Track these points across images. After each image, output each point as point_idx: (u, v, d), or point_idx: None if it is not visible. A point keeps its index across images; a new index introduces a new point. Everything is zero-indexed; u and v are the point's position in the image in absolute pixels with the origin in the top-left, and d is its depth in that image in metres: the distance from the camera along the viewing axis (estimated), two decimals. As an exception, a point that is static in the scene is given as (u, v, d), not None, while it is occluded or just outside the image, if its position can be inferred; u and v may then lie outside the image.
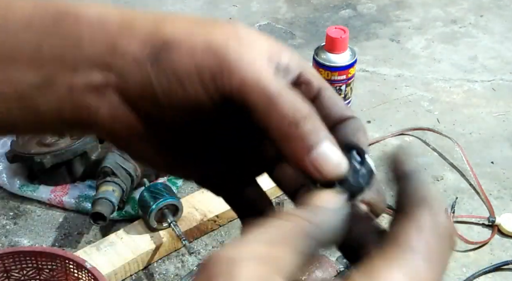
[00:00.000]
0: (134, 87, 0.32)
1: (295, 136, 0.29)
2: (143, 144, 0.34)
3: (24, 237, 1.06)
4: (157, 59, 0.31)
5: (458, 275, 0.99)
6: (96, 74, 0.32)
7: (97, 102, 0.32)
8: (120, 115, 0.33)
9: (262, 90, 0.30)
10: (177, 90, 0.31)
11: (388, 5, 1.71)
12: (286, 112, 0.30)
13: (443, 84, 1.43)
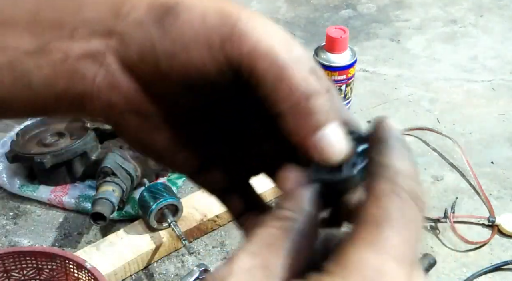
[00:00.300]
0: (135, 51, 0.30)
1: (303, 111, 0.28)
2: (140, 120, 0.32)
3: (24, 237, 1.06)
4: (163, 22, 0.29)
5: (458, 275, 0.99)
6: (95, 41, 0.30)
7: (94, 70, 0.31)
8: (118, 83, 0.31)
9: (274, 57, 0.28)
10: (182, 55, 0.29)
11: (388, 5, 1.71)
12: (299, 82, 0.27)
13: (443, 84, 1.43)
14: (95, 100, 0.31)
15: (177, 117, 0.32)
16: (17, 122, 1.28)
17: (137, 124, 0.32)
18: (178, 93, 0.31)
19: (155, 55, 0.29)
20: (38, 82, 0.31)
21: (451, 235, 1.05)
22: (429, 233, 1.06)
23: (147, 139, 0.33)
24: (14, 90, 0.31)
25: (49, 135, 1.13)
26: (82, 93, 0.31)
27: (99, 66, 0.30)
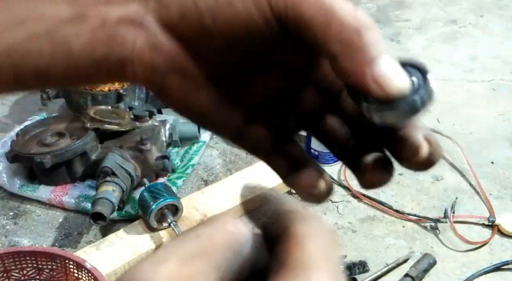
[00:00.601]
0: (176, 11, 0.29)
1: (357, 45, 0.27)
2: (184, 80, 0.31)
3: (24, 237, 1.06)
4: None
5: (458, 275, 1.00)
6: (133, 4, 0.30)
7: (134, 34, 0.30)
8: (160, 44, 0.30)
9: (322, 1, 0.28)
10: (226, 8, 0.28)
11: (388, 5, 1.71)
12: (348, 19, 0.27)
13: (443, 84, 1.43)
14: (136, 64, 0.30)
15: (221, 75, 0.31)
16: (17, 122, 1.28)
17: (180, 85, 0.31)
18: (222, 50, 0.30)
19: (198, 12, 0.29)
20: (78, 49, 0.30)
21: (451, 235, 1.05)
22: (429, 233, 1.07)
23: (191, 100, 0.32)
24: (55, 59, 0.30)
25: (49, 135, 1.13)
26: (123, 58, 0.30)
27: (139, 29, 0.30)
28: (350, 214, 1.10)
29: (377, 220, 1.09)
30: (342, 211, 1.11)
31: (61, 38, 0.30)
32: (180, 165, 1.17)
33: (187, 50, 0.30)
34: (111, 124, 1.13)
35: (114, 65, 0.30)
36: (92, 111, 1.14)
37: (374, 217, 1.10)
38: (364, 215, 1.10)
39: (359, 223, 1.09)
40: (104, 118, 1.13)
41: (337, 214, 1.10)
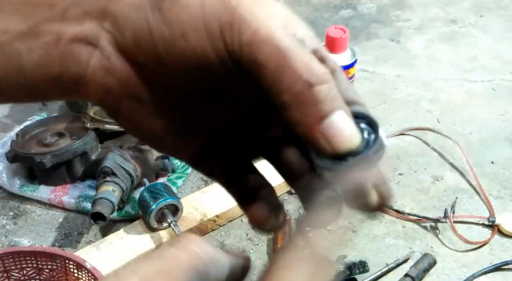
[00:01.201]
0: (131, 36, 0.29)
1: (308, 100, 0.26)
2: (136, 105, 0.30)
3: (24, 237, 1.06)
4: (160, 5, 0.28)
5: (458, 275, 0.99)
6: (88, 22, 0.29)
7: (88, 53, 0.29)
8: (114, 67, 0.29)
9: (276, 45, 0.26)
10: (180, 41, 0.28)
11: (388, 5, 1.71)
12: (301, 71, 0.26)
13: (443, 84, 1.43)
14: (90, 83, 0.30)
15: (175, 103, 0.31)
16: (17, 122, 1.28)
17: (133, 109, 0.31)
18: (176, 79, 0.29)
19: (152, 41, 0.28)
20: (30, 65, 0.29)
21: (451, 235, 1.05)
22: (429, 233, 1.06)
23: (144, 125, 0.31)
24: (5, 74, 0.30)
25: (49, 135, 1.13)
26: (76, 76, 0.30)
27: (93, 48, 0.29)
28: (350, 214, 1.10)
29: (377, 220, 1.09)
30: (342, 211, 1.11)
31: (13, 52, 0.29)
32: (180, 165, 1.17)
33: (141, 75, 0.29)
34: (111, 124, 1.13)
35: (68, 83, 0.30)
36: (92, 111, 1.14)
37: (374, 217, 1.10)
38: (364, 215, 1.10)
39: (359, 223, 1.09)
40: (104, 118, 1.12)
41: (337, 214, 1.10)
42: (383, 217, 1.10)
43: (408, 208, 1.11)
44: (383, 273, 0.99)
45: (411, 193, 1.15)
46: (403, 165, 1.20)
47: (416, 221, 1.08)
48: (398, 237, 1.06)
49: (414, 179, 1.18)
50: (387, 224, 1.08)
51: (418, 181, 1.17)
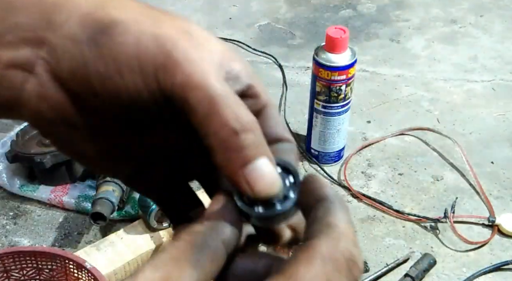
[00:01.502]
0: (66, 67, 0.29)
1: (233, 146, 0.28)
2: (70, 130, 0.31)
3: (24, 237, 1.06)
4: (96, 41, 0.29)
5: (458, 275, 1.00)
6: (24, 49, 0.29)
7: (23, 78, 0.30)
8: (48, 94, 0.30)
9: (206, 91, 0.28)
10: (115, 78, 0.29)
11: (388, 5, 1.71)
12: (228, 118, 0.28)
13: (443, 84, 1.43)
14: (23, 107, 0.30)
15: (108, 130, 0.32)
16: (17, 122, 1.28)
17: (67, 134, 0.31)
18: (109, 110, 0.30)
19: (87, 74, 0.29)
20: None
21: (451, 235, 1.05)
22: (429, 233, 1.07)
23: (77, 148, 0.32)
24: None
25: (49, 135, 1.13)
26: (11, 100, 0.30)
27: (28, 74, 0.30)
28: (350, 214, 1.10)
29: (377, 220, 1.09)
30: (342, 211, 1.11)
31: None
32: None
33: (75, 103, 0.30)
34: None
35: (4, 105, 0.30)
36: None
37: (374, 217, 1.10)
38: (364, 215, 1.10)
39: (359, 223, 1.09)
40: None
41: (337, 214, 1.10)
42: (383, 217, 1.10)
43: (408, 208, 1.11)
44: (383, 273, 0.99)
45: (411, 193, 1.15)
46: (403, 165, 1.20)
47: (416, 221, 1.08)
48: (398, 237, 1.06)
49: (414, 179, 1.18)
50: (387, 224, 1.08)
51: (418, 181, 1.17)
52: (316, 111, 1.15)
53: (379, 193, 1.14)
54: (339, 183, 1.16)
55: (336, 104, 1.13)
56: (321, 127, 1.16)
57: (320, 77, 1.11)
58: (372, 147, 1.25)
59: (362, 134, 1.28)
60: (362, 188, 1.15)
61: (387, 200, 1.12)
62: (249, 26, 1.62)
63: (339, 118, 1.15)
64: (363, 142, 1.25)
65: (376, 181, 1.17)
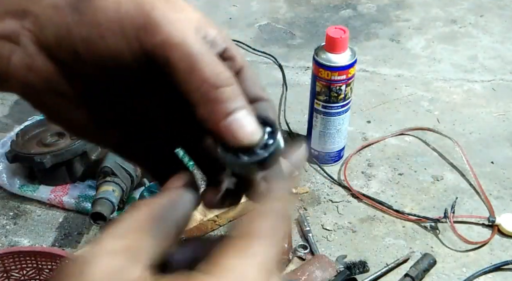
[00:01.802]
0: (51, 35, 0.30)
1: (214, 99, 0.29)
2: (59, 99, 0.32)
3: (24, 237, 1.06)
4: (78, 7, 0.30)
5: (458, 275, 1.00)
6: (9, 21, 0.31)
7: (10, 50, 0.31)
8: (35, 64, 0.31)
9: (186, 49, 0.29)
10: (98, 42, 0.30)
11: (388, 5, 1.71)
12: (208, 74, 0.29)
13: (443, 84, 1.43)
14: (11, 78, 0.31)
15: (95, 97, 0.33)
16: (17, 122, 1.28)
17: (55, 103, 0.32)
18: (95, 75, 0.31)
19: (71, 40, 0.30)
20: None
21: (451, 235, 1.05)
22: (429, 233, 1.07)
23: (66, 117, 0.33)
24: None
25: (49, 135, 1.13)
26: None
27: (14, 46, 0.31)
28: (350, 214, 1.10)
29: (377, 220, 1.09)
30: (342, 211, 1.11)
31: None
32: (180, 165, 1.17)
33: (62, 71, 0.31)
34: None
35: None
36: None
37: (374, 217, 1.10)
38: (364, 215, 1.10)
39: (359, 223, 1.09)
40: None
41: (337, 214, 1.10)
42: (383, 217, 1.10)
43: (408, 208, 1.11)
44: (383, 273, 0.99)
45: (411, 193, 1.15)
46: (403, 165, 1.20)
47: (416, 221, 1.08)
48: (398, 237, 1.06)
49: (414, 179, 1.18)
50: (387, 224, 1.08)
51: (418, 181, 1.17)
52: (316, 111, 1.15)
53: (379, 193, 1.14)
54: (339, 183, 1.16)
55: (336, 104, 1.13)
56: (321, 127, 1.16)
57: (320, 77, 1.11)
58: (372, 147, 1.25)
59: (362, 134, 1.28)
60: (362, 188, 1.15)
61: (387, 200, 1.12)
62: (249, 26, 1.62)
63: (339, 118, 1.15)
64: (363, 142, 1.25)
65: (376, 181, 1.17)
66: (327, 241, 1.05)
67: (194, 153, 0.37)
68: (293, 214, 1.09)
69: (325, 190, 1.15)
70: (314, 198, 1.13)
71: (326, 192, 1.15)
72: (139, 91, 0.33)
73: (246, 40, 1.55)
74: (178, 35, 0.29)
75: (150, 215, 0.29)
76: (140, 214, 0.29)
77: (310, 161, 1.21)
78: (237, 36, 1.57)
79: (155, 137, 0.36)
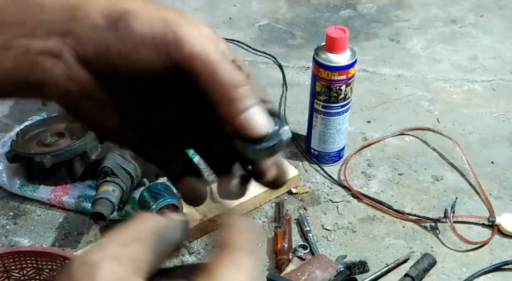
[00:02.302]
0: (91, 51, 0.36)
1: (232, 98, 0.35)
2: (93, 105, 0.37)
3: (24, 237, 1.06)
4: (115, 25, 0.35)
5: (458, 275, 1.00)
6: (53, 39, 0.36)
7: (52, 63, 0.36)
8: (75, 75, 0.36)
9: (207, 59, 0.35)
10: (132, 54, 0.35)
11: (388, 5, 1.71)
12: (227, 77, 0.35)
13: (443, 84, 1.43)
14: (53, 88, 0.37)
15: (126, 103, 0.38)
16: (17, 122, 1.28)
17: (90, 108, 0.38)
18: (128, 84, 0.37)
19: (109, 54, 0.35)
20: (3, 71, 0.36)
21: (451, 235, 1.05)
22: (429, 233, 1.07)
23: (98, 121, 0.39)
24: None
25: (49, 135, 1.13)
26: (41, 81, 0.36)
27: (57, 60, 0.36)
28: (350, 214, 1.10)
29: (377, 220, 1.09)
30: (342, 211, 1.11)
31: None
32: (180, 165, 1.17)
33: (98, 80, 0.37)
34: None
35: (33, 86, 0.37)
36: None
37: (374, 217, 1.10)
38: (364, 215, 1.10)
39: (359, 223, 1.09)
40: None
41: (337, 214, 1.10)
42: (383, 217, 1.10)
43: (408, 208, 1.11)
44: (383, 273, 0.99)
45: (411, 193, 1.15)
46: (403, 165, 1.21)
47: (416, 221, 1.08)
48: (398, 237, 1.06)
49: (414, 179, 1.18)
50: (387, 224, 1.08)
51: (418, 181, 1.17)
52: (316, 111, 1.15)
53: (379, 193, 1.14)
54: (339, 183, 1.16)
55: (336, 104, 1.13)
56: (321, 127, 1.16)
57: (320, 77, 1.11)
58: (372, 147, 1.25)
59: (362, 134, 1.28)
60: (362, 188, 1.15)
61: (387, 200, 1.12)
62: (249, 26, 1.62)
63: (339, 118, 1.15)
64: (363, 142, 1.25)
65: (376, 181, 1.17)
66: (327, 241, 1.05)
67: (206, 153, 0.42)
68: (293, 214, 1.09)
69: (325, 190, 1.15)
70: (314, 198, 1.13)
71: (326, 192, 1.15)
72: (165, 98, 0.38)
73: (246, 40, 1.55)
74: (200, 47, 0.35)
75: (154, 230, 0.33)
76: (146, 226, 0.33)
77: (310, 161, 1.21)
78: (237, 36, 1.57)
79: (171, 139, 0.41)
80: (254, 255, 0.33)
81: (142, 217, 0.33)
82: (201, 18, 1.63)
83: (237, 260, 0.32)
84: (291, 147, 1.24)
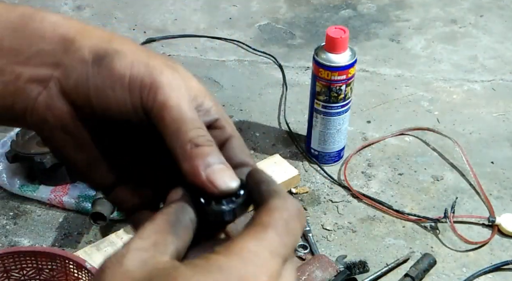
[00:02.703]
0: (73, 81, 0.37)
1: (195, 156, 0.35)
2: (66, 137, 0.38)
3: (24, 237, 1.06)
4: (100, 61, 0.37)
5: (458, 275, 1.00)
6: (44, 69, 0.37)
7: (38, 91, 0.37)
8: (54, 105, 0.37)
9: (178, 112, 0.35)
10: (108, 92, 0.36)
11: (388, 5, 1.71)
12: (192, 135, 0.35)
13: (443, 84, 1.43)
14: (33, 115, 0.38)
15: (100, 141, 0.39)
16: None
17: (63, 140, 0.38)
18: (102, 122, 0.37)
19: (87, 87, 0.37)
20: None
21: (451, 235, 1.05)
22: (429, 233, 1.07)
23: (70, 155, 0.39)
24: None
25: (49, 135, 1.13)
26: (25, 108, 0.38)
27: (42, 88, 0.37)
28: (350, 214, 1.10)
29: (377, 220, 1.09)
30: (342, 211, 1.11)
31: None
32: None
33: (75, 113, 0.38)
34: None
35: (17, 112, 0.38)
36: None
37: (374, 217, 1.10)
38: (364, 215, 1.10)
39: (359, 223, 1.09)
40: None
41: (337, 214, 1.10)
42: (383, 217, 1.10)
43: (408, 208, 1.11)
44: (383, 273, 0.99)
45: (411, 193, 1.15)
46: (403, 165, 1.21)
47: (416, 221, 1.08)
48: (398, 237, 1.06)
49: (414, 179, 1.18)
50: (387, 224, 1.08)
51: (418, 181, 1.17)
52: (316, 111, 1.15)
53: (379, 193, 1.14)
54: (339, 183, 1.16)
55: (336, 104, 1.13)
56: (321, 127, 1.16)
57: (320, 77, 1.11)
58: (372, 147, 1.25)
59: (362, 134, 1.28)
60: (362, 188, 1.15)
61: (387, 200, 1.12)
62: (249, 26, 1.62)
63: (339, 118, 1.15)
64: (363, 142, 1.25)
65: (376, 181, 1.17)
66: (327, 241, 1.05)
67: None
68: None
69: (325, 190, 1.15)
70: (314, 198, 1.13)
71: (326, 192, 1.15)
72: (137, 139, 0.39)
73: (246, 40, 1.55)
74: (175, 100, 0.35)
75: (166, 220, 0.33)
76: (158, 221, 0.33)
77: (310, 161, 1.21)
78: (237, 36, 1.57)
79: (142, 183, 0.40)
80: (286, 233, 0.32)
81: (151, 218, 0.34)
82: (201, 18, 1.63)
83: (261, 235, 0.32)
84: (291, 147, 1.24)
